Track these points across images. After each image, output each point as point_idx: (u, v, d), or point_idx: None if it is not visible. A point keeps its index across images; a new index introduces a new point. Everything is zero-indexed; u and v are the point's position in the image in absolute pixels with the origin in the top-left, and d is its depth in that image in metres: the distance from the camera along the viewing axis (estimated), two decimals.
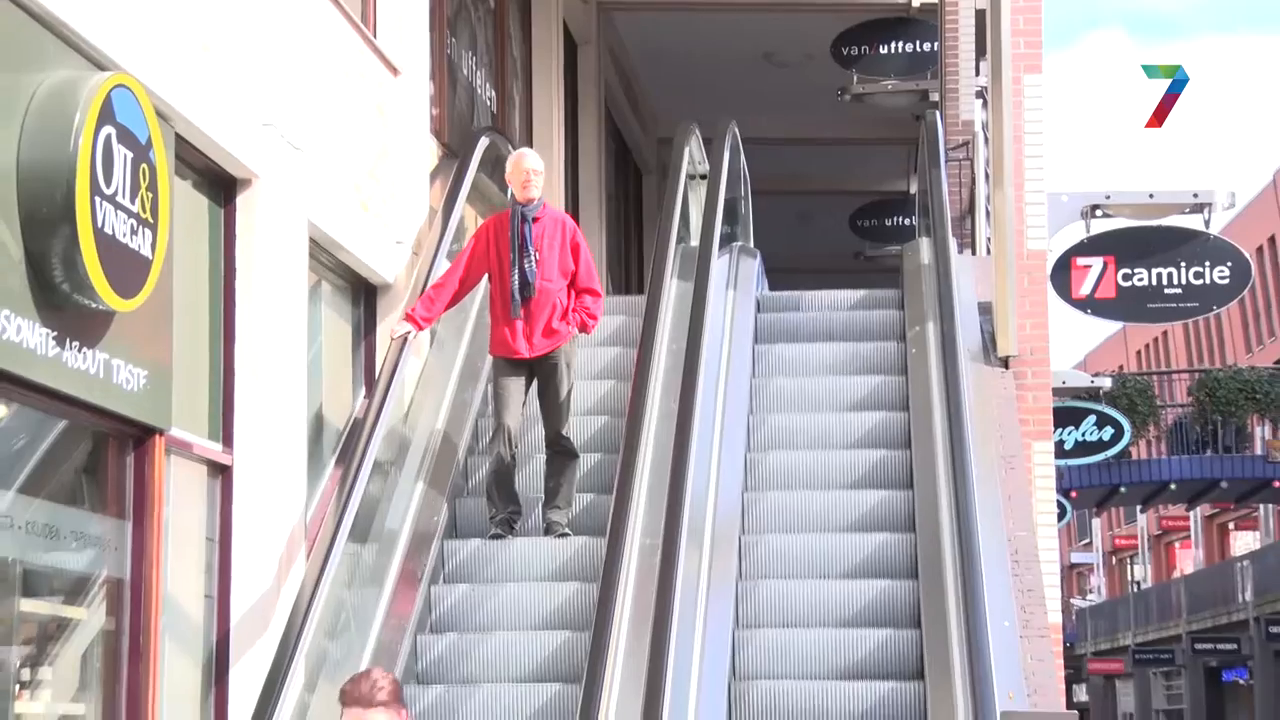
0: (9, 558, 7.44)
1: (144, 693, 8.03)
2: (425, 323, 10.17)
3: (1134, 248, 14.75)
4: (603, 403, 11.92)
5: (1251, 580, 47.18)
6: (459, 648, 9.65)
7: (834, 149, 22.37)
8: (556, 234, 10.24)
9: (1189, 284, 15.00)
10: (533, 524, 10.37)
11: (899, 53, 18.54)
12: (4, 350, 6.86)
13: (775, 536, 10.70)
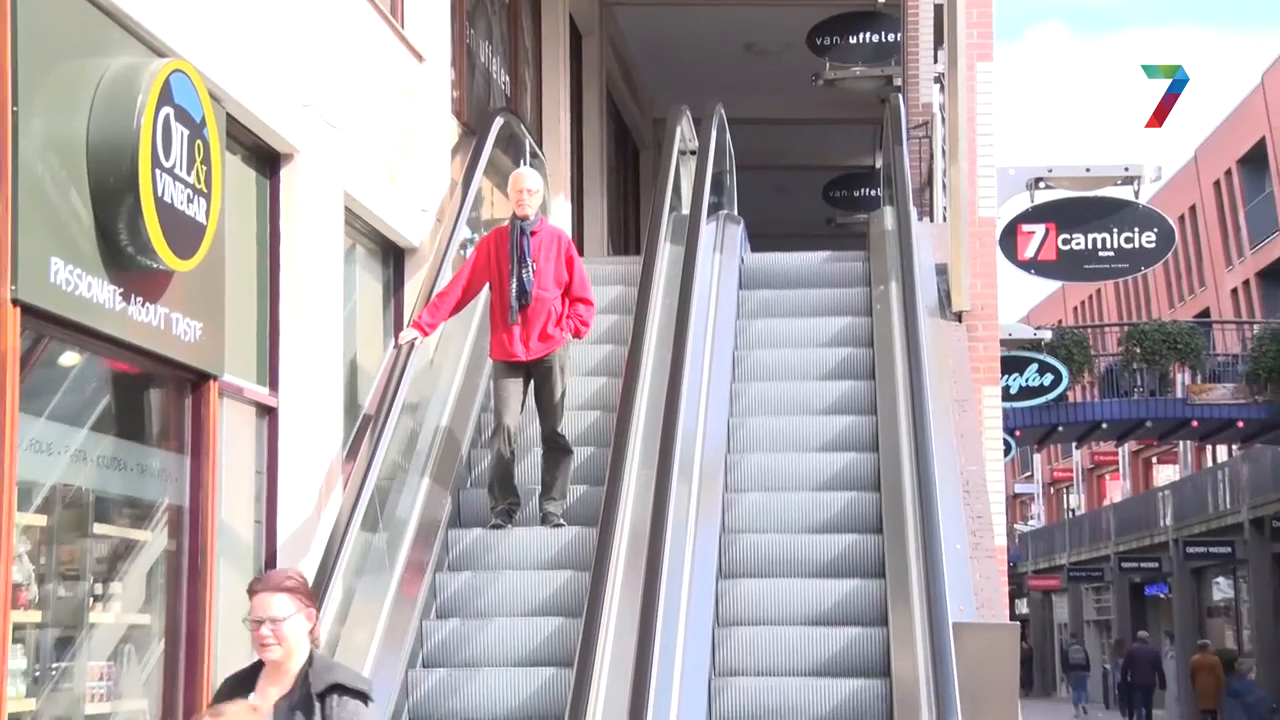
0: (82, 487, 7.50)
1: (201, 606, 8.09)
2: (430, 329, 9.95)
3: (1072, 216, 14.78)
4: (604, 361, 11.81)
5: (1171, 508, 47.45)
6: (461, 632, 9.40)
7: (808, 128, 22.36)
8: (553, 247, 9.98)
9: (1120, 248, 15.03)
10: (530, 513, 10.12)
11: (866, 43, 18.60)
12: (77, 305, 6.91)
13: (756, 455, 10.78)
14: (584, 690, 7.61)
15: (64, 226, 6.87)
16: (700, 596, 9.26)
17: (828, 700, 8.87)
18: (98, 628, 7.58)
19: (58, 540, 7.27)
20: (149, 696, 7.92)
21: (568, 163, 16.95)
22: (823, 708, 8.84)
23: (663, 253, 11.45)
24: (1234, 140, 49.86)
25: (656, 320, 10.61)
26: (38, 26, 6.67)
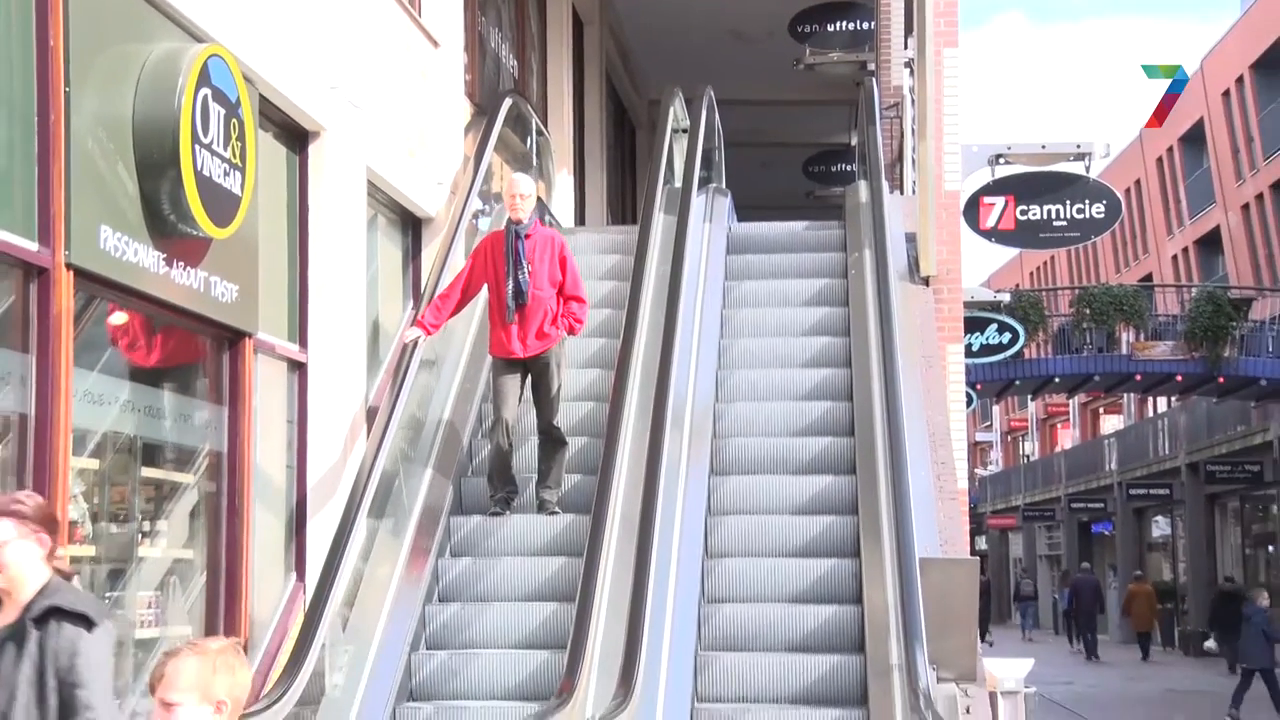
0: (130, 434, 7.51)
1: (239, 542, 8.11)
2: (433, 329, 9.56)
3: (1029, 189, 14.81)
4: (602, 323, 11.65)
5: (1116, 454, 47.72)
6: (462, 616, 9.06)
7: (790, 109, 22.29)
8: (547, 249, 9.55)
9: (1072, 218, 15.04)
10: (527, 499, 9.75)
11: (843, 30, 18.56)
12: (124, 269, 6.92)
13: (742, 404, 10.77)
14: (585, 619, 7.63)
15: (112, 197, 6.88)
16: (691, 531, 9.30)
17: (806, 624, 8.90)
18: (145, 561, 7.60)
19: (109, 482, 7.29)
20: (193, 624, 7.94)
21: (570, 140, 16.90)
22: (801, 630, 8.88)
23: (657, 222, 11.43)
24: (1175, 120, 49.72)
25: (652, 283, 10.60)
26: (88, 15, 6.68)
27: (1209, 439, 38.61)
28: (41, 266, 6.44)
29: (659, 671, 8.02)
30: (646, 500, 8.40)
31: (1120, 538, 48.12)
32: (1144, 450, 44.90)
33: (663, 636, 8.23)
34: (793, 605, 9.06)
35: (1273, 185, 41.26)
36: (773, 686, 8.55)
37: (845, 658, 8.62)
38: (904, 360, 9.67)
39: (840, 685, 8.50)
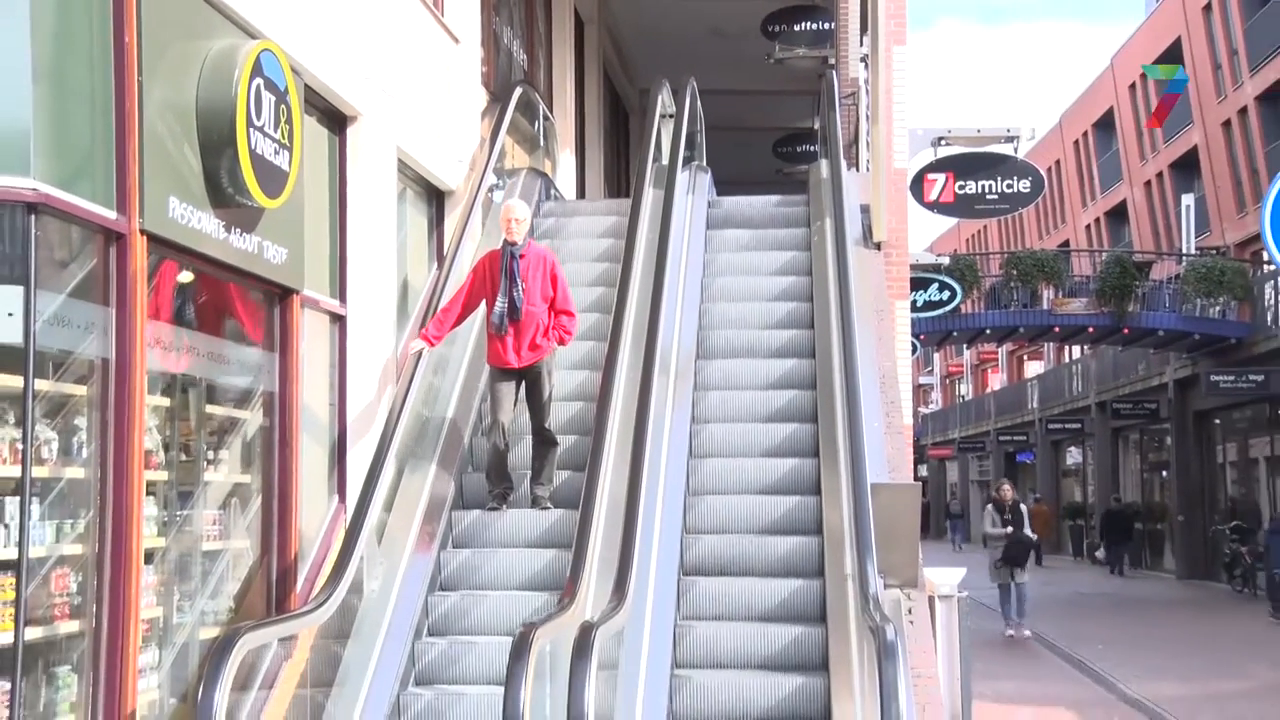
0: (198, 376, 7.50)
1: (289, 470, 8.12)
2: (436, 340, 9.12)
3: (966, 167, 14.84)
4: (599, 280, 11.67)
5: (1037, 394, 48.02)
6: (461, 606, 8.57)
7: (762, 97, 22.16)
8: (539, 267, 9.08)
9: (1003, 192, 15.08)
10: (521, 495, 9.25)
11: (807, 30, 18.52)
12: (190, 234, 6.91)
13: (719, 361, 10.72)
14: (585, 535, 7.64)
15: (179, 172, 6.86)
16: (675, 467, 9.30)
17: (777, 551, 8.90)
18: (210, 485, 7.60)
19: (178, 418, 7.29)
20: (250, 539, 7.95)
21: (572, 124, 16.84)
22: (772, 556, 8.88)
23: (647, 195, 11.38)
24: (1090, 108, 49.85)
25: (642, 248, 10.56)
26: (158, 15, 6.65)
27: (1115, 381, 38.78)
28: (119, 232, 6.44)
29: (647, 588, 8.04)
30: (636, 443, 8.37)
31: (1040, 465, 48.52)
32: (1060, 391, 45.11)
33: (650, 558, 8.25)
34: (763, 537, 9.03)
35: (1171, 165, 41.44)
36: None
37: (807, 580, 8.60)
38: (859, 314, 9.65)
39: (803, 601, 8.53)
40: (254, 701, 7.55)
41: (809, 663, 8.06)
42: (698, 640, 8.19)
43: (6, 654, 5.79)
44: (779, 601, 8.46)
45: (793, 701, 7.74)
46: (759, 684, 7.85)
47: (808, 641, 8.14)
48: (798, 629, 8.24)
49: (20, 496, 5.87)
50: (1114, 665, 15.88)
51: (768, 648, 8.15)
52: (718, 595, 8.52)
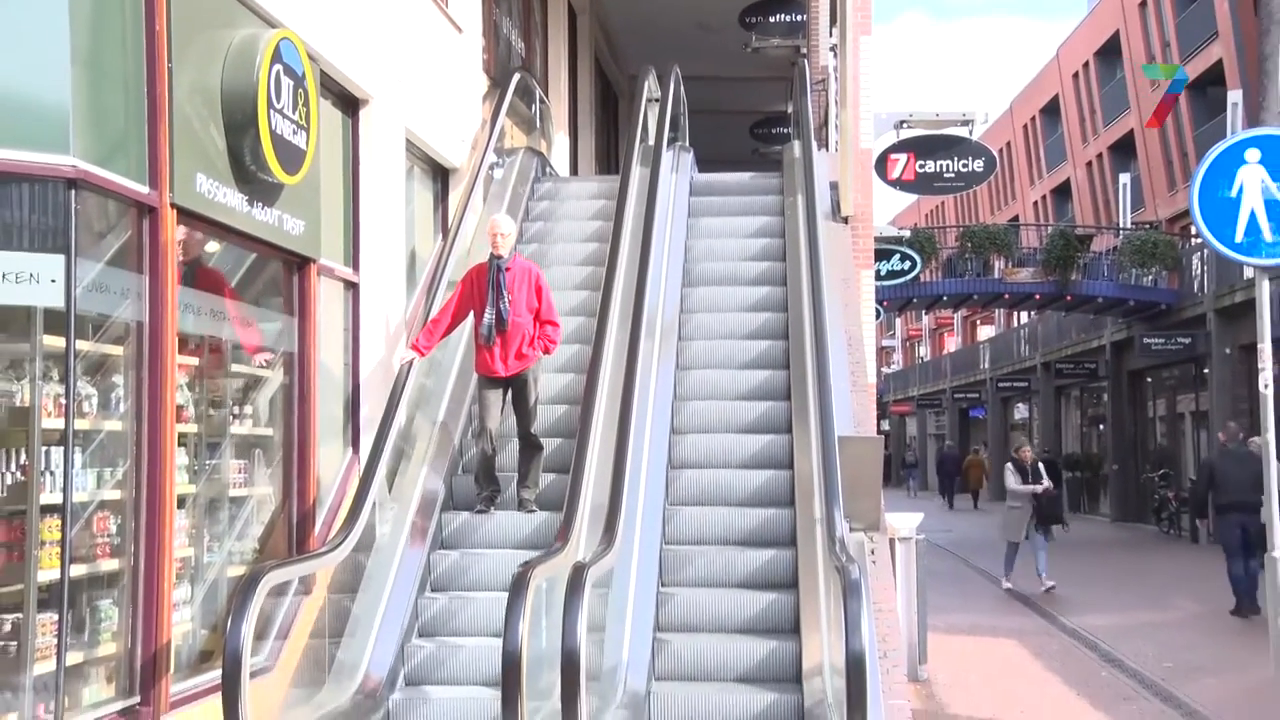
0: (222, 338, 7.46)
1: (307, 423, 8.10)
2: (426, 350, 8.78)
3: (926, 147, 14.81)
4: (591, 254, 11.62)
5: (988, 355, 48.09)
6: (450, 607, 8.16)
7: (740, 83, 21.98)
8: (525, 279, 8.66)
9: (959, 171, 15.06)
10: (508, 496, 8.85)
11: (782, 22, 18.41)
12: (217, 208, 6.87)
13: (701, 315, 10.72)
14: (578, 485, 7.63)
15: (206, 150, 6.81)
16: (661, 413, 9.32)
17: (751, 483, 9.00)
18: (235, 437, 7.58)
19: (206, 376, 7.25)
20: (272, 486, 7.94)
21: (566, 107, 16.74)
22: (746, 489, 8.97)
23: (635, 172, 11.32)
24: (1037, 96, 49.84)
25: (630, 221, 10.52)
26: (185, 6, 6.60)
27: (1058, 344, 38.87)
28: (151, 205, 6.41)
29: (635, 521, 8.07)
30: (626, 387, 8.41)
31: (990, 420, 48.64)
32: (1009, 353, 45.21)
33: (638, 493, 8.29)
34: (740, 470, 9.13)
35: (1110, 147, 41.51)
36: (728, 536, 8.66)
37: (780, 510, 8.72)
38: (827, 282, 9.63)
39: (776, 530, 8.60)
40: (278, 629, 7.58)
41: (781, 581, 8.17)
42: (681, 561, 8.33)
43: (54, 588, 5.81)
44: (755, 527, 8.59)
45: (766, 615, 7.91)
46: (737, 599, 8.00)
47: (780, 562, 8.27)
48: (771, 552, 8.36)
49: (64, 447, 5.87)
50: (1053, 598, 15.99)
51: (745, 568, 8.29)
52: (698, 522, 8.65)
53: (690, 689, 7.39)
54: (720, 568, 8.30)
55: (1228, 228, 6.94)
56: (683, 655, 7.62)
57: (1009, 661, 11.50)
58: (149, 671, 6.32)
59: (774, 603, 7.94)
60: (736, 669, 7.57)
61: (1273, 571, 6.61)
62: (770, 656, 7.55)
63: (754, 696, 7.21)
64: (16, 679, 5.74)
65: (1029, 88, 51.28)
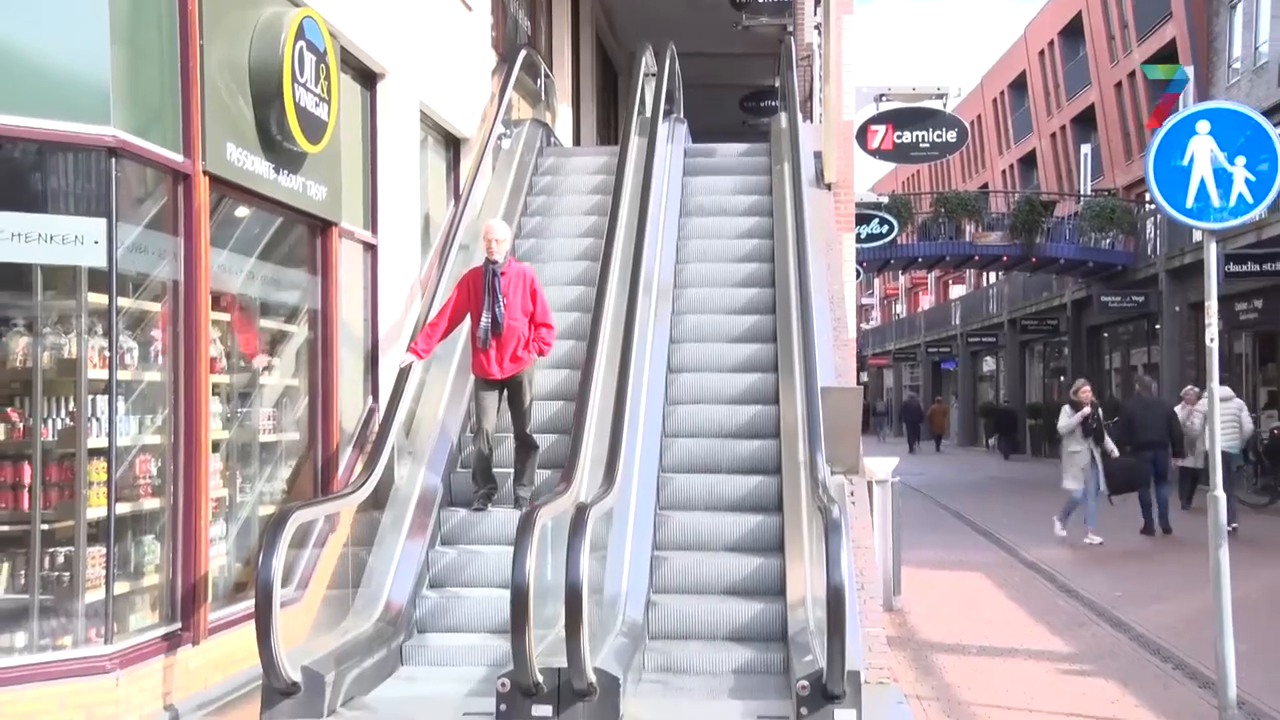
0: (251, 295, 7.45)
1: (330, 374, 8.11)
2: (425, 353, 8.30)
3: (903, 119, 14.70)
4: (591, 223, 11.57)
5: (959, 312, 48.02)
6: (446, 605, 7.77)
7: (731, 59, 21.80)
8: (519, 283, 8.22)
9: (933, 141, 14.96)
10: (505, 493, 8.41)
11: (770, 1, 18.25)
12: (245, 175, 6.84)
13: (694, 265, 10.72)
14: (580, 432, 7.64)
15: (235, 121, 6.77)
16: (658, 356, 9.38)
17: (739, 419, 9.07)
18: (265, 387, 7.59)
19: (237, 330, 7.24)
20: (299, 432, 7.95)
21: (569, 81, 16.62)
22: (735, 423, 9.04)
23: (634, 142, 11.24)
24: (1005, 72, 49.56)
25: (628, 187, 10.47)
26: None
27: (1024, 302, 38.85)
28: (185, 173, 6.39)
29: (634, 458, 8.11)
30: (626, 335, 8.42)
31: (961, 372, 48.69)
32: (979, 310, 45.20)
33: (638, 429, 8.33)
34: (729, 405, 9.18)
35: (1072, 120, 41.35)
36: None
37: (767, 441, 8.81)
38: (811, 244, 9.61)
39: (763, 463, 8.67)
40: (306, 562, 7.62)
41: (767, 506, 8.27)
42: (677, 490, 8.43)
43: (102, 524, 5.87)
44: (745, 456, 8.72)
45: (753, 536, 8.03)
46: (729, 521, 8.10)
47: (766, 488, 8.37)
48: (758, 478, 8.48)
49: (108, 395, 5.89)
50: (1015, 535, 16.08)
51: (736, 492, 8.39)
52: (692, 451, 8.75)
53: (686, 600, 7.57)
54: (712, 493, 8.41)
55: (1180, 194, 6.91)
56: (678, 571, 7.76)
57: (976, 592, 11.58)
58: (189, 601, 6.37)
59: (761, 524, 8.06)
60: (727, 582, 7.72)
61: (1213, 509, 6.65)
62: (757, 572, 7.70)
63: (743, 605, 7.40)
64: (70, 606, 5.80)
65: (998, 64, 50.97)
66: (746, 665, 7.03)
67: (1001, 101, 50.33)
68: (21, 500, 5.76)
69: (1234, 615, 6.56)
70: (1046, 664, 8.27)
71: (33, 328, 5.87)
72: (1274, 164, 6.78)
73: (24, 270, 5.84)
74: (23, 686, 5.57)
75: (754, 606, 7.41)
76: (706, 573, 7.73)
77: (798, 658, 6.38)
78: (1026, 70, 46.22)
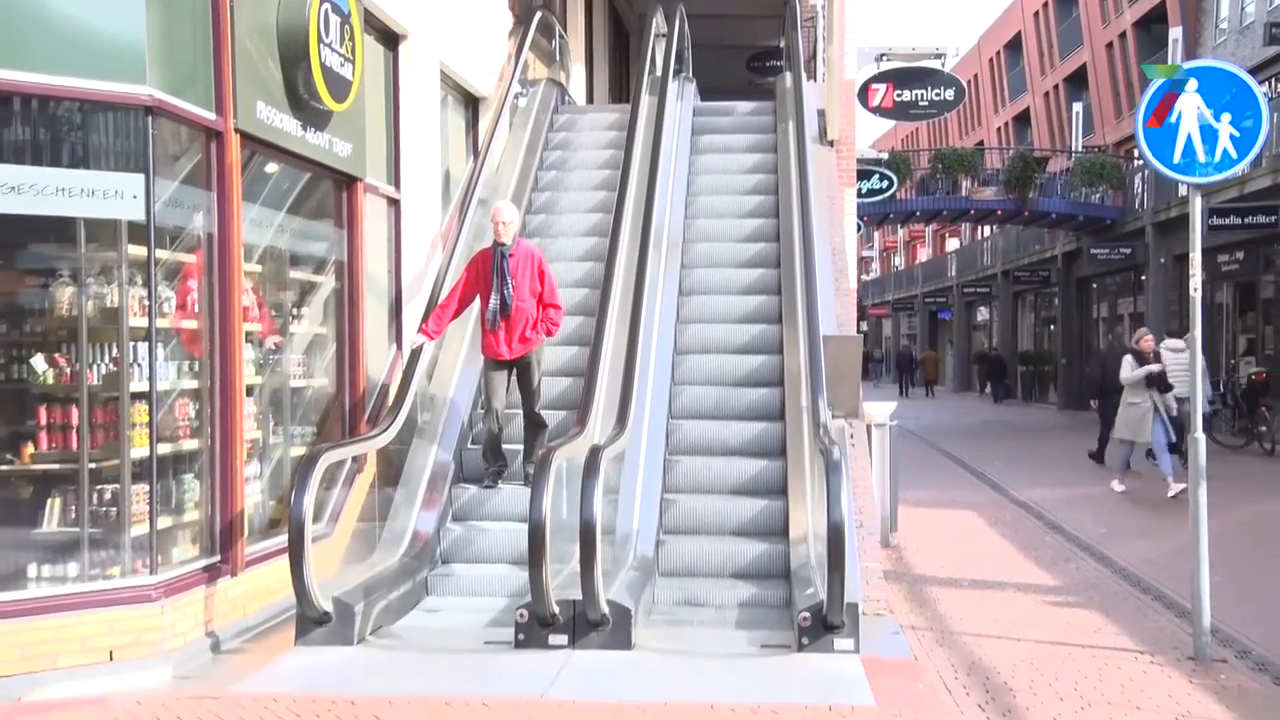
0: (281, 248, 7.46)
1: (356, 322, 8.12)
2: (436, 334, 8.05)
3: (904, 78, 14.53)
4: (603, 180, 11.43)
5: (955, 265, 47.77)
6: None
7: (739, 20, 21.56)
8: (528, 264, 7.93)
9: (932, 99, 14.79)
10: (514, 470, 8.22)
11: None
12: (275, 133, 6.83)
13: (702, 221, 10.67)
14: (592, 381, 7.68)
15: (264, 81, 6.75)
16: (668, 307, 9.36)
17: (745, 368, 9.07)
18: (295, 335, 7.62)
19: (268, 281, 7.27)
20: (328, 377, 8.00)
21: (583, 42, 16.47)
22: (740, 371, 9.05)
23: (645, 101, 11.20)
24: (1002, 32, 49.03)
25: (640, 143, 10.44)
26: None
27: (1017, 254, 38.65)
28: (218, 130, 6.38)
29: (645, 404, 8.14)
30: (637, 286, 8.43)
31: (956, 322, 48.51)
32: (974, 262, 44.96)
33: (647, 378, 8.35)
34: (735, 355, 9.19)
35: (1065, 79, 40.98)
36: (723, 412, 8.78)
37: (771, 389, 8.82)
38: (814, 198, 9.57)
39: (767, 409, 8.67)
40: (336, 499, 7.69)
41: (771, 450, 8.30)
42: (686, 435, 8.45)
43: (145, 463, 5.93)
44: (749, 404, 8.72)
45: (758, 478, 8.06)
46: (735, 465, 8.12)
47: (770, 432, 8.39)
48: (762, 424, 8.49)
49: (148, 342, 5.94)
50: (1006, 476, 16.12)
51: (740, 436, 8.41)
52: (699, 398, 8.77)
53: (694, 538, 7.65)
54: (719, 437, 8.42)
55: (1167, 150, 6.87)
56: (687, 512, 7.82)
57: (968, 529, 11.65)
58: (226, 535, 6.44)
59: (765, 467, 8.10)
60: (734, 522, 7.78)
61: (1195, 451, 6.68)
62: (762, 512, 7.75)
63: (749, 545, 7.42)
64: (117, 539, 5.88)
65: (995, 25, 50.40)
66: (751, 599, 7.10)
67: (997, 61, 49.81)
68: (71, 440, 5.82)
69: (1210, 550, 6.60)
70: (1034, 596, 8.34)
71: (77, 278, 5.90)
72: (1258, 120, 6.73)
73: (68, 223, 5.86)
74: (78, 612, 5.67)
75: (758, 544, 7.47)
76: (714, 513, 7.78)
77: (799, 591, 6.45)
78: (1022, 31, 45.73)
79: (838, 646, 5.95)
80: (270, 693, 5.43)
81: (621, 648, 6.08)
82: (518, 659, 5.99)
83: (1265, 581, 8.83)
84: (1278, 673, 6.32)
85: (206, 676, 5.75)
